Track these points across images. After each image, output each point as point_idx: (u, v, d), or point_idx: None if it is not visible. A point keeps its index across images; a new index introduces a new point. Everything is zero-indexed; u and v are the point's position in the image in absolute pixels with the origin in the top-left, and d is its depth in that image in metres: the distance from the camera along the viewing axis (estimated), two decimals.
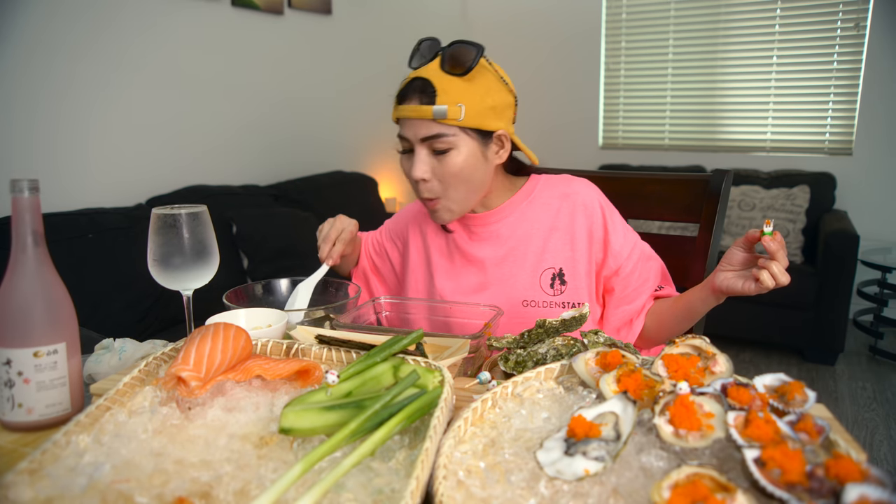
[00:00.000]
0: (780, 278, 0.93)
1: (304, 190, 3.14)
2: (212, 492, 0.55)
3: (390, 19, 3.99)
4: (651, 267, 1.20)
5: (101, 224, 2.22)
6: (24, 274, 0.71)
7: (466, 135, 1.07)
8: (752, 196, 3.60)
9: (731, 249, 1.01)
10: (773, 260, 0.94)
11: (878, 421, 2.66)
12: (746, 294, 0.99)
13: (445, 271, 1.23)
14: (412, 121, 1.07)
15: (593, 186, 1.21)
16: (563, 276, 1.16)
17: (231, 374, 0.72)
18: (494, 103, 1.09)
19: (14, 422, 0.72)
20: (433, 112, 1.04)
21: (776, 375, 0.67)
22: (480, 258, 1.20)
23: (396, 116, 1.11)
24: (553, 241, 1.17)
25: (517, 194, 1.21)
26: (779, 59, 3.85)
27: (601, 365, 0.73)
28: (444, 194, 1.11)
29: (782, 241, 0.95)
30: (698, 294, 1.09)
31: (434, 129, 1.06)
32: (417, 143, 1.08)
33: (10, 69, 2.16)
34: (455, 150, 1.07)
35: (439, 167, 1.08)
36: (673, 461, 0.57)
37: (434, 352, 0.88)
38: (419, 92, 1.06)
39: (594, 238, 1.16)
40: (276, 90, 3.25)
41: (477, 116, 1.07)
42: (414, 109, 1.06)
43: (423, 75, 1.08)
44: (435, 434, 0.57)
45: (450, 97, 1.05)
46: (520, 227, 1.18)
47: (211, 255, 0.95)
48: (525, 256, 1.17)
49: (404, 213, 1.35)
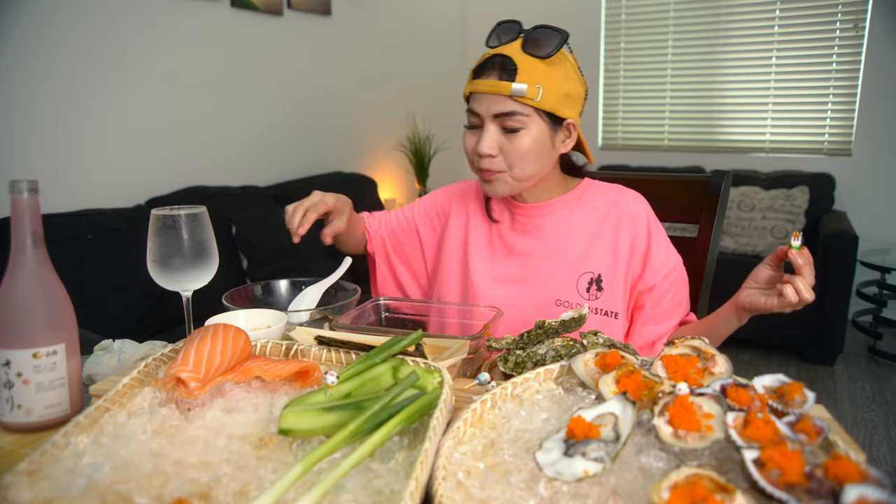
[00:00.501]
0: (804, 294, 0.90)
1: (304, 191, 3.09)
2: (211, 493, 0.55)
3: (389, 20, 3.99)
4: (686, 293, 1.18)
5: (100, 225, 2.22)
6: (23, 275, 0.71)
7: (539, 117, 1.06)
8: (752, 197, 3.60)
9: (758, 267, 1.00)
10: (798, 275, 0.91)
11: (877, 422, 2.66)
12: (769, 310, 0.97)
13: (483, 256, 1.21)
14: (487, 96, 1.06)
15: (644, 200, 1.20)
16: (600, 282, 1.14)
17: (230, 375, 0.72)
18: (569, 91, 1.08)
19: (13, 423, 0.72)
20: (511, 89, 1.03)
21: (775, 376, 0.67)
22: (521, 250, 1.18)
23: (471, 90, 1.10)
24: (596, 246, 1.15)
25: (569, 193, 1.19)
26: (778, 61, 3.86)
27: (600, 366, 0.73)
28: (507, 171, 1.09)
29: (810, 258, 0.92)
30: (721, 314, 1.07)
31: (509, 105, 1.05)
32: (489, 119, 1.07)
33: (10, 69, 2.16)
34: (526, 130, 1.06)
35: (508, 145, 1.07)
36: (672, 462, 0.57)
37: (433, 353, 0.88)
38: (499, 68, 1.06)
39: (636, 250, 1.15)
40: (275, 91, 3.25)
41: (553, 100, 1.05)
42: (492, 85, 1.05)
43: (506, 52, 1.07)
44: (434, 435, 0.57)
45: (530, 76, 1.04)
46: (564, 226, 1.17)
47: (210, 256, 0.95)
48: (566, 256, 1.16)
49: (448, 192, 1.33)
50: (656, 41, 4.21)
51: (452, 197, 1.30)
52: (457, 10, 4.66)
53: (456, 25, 4.67)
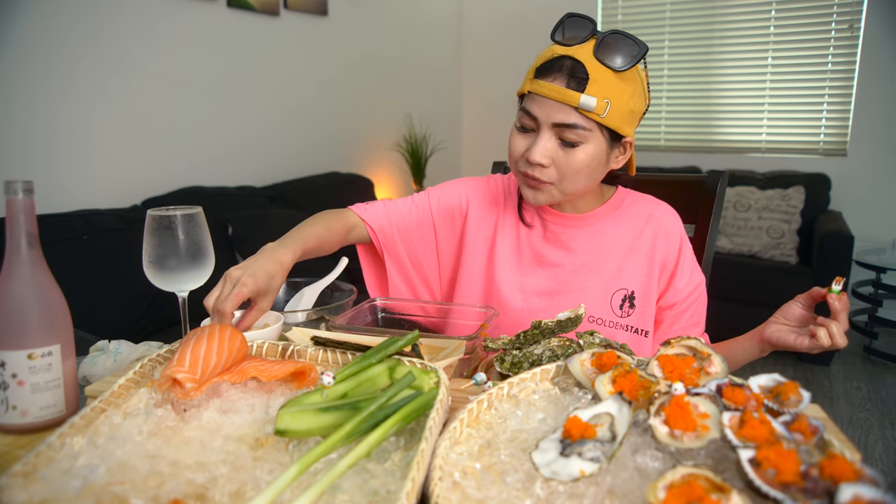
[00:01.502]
0: (837, 339, 0.89)
1: (301, 191, 3.14)
2: (207, 493, 0.54)
3: (386, 20, 3.99)
4: (703, 313, 1.16)
5: (96, 225, 2.21)
6: (18, 276, 0.71)
7: (601, 132, 0.99)
8: (748, 197, 3.61)
9: (789, 303, 0.99)
10: (834, 320, 0.90)
11: (872, 421, 2.67)
12: (797, 349, 0.95)
13: (510, 264, 1.15)
14: (549, 101, 0.97)
15: (676, 215, 1.16)
16: (633, 299, 1.11)
17: (226, 376, 0.72)
18: (635, 108, 1.00)
19: (8, 424, 0.72)
20: (580, 101, 0.94)
21: (771, 376, 0.67)
22: (552, 261, 1.13)
23: (532, 90, 0.99)
24: (631, 261, 1.12)
25: (605, 205, 1.14)
26: (774, 61, 3.87)
27: (597, 366, 0.73)
28: (556, 184, 1.02)
29: (847, 303, 0.91)
30: (742, 343, 1.04)
31: (573, 117, 0.96)
32: (546, 126, 0.98)
33: (9, 69, 2.16)
34: (585, 145, 0.98)
35: (563, 157, 0.99)
36: (668, 462, 0.57)
37: (430, 353, 0.88)
38: (567, 73, 0.96)
39: (666, 266, 1.12)
40: (271, 91, 3.25)
41: (618, 117, 0.98)
42: (558, 91, 0.95)
43: (577, 56, 0.96)
44: (431, 435, 0.57)
45: (601, 89, 0.95)
46: (599, 240, 1.12)
47: (206, 256, 0.95)
48: (600, 272, 1.11)
49: (467, 186, 1.21)
50: (652, 41, 4.21)
51: (474, 193, 1.20)
52: (453, 10, 4.66)
53: (453, 25, 4.67)
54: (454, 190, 1.21)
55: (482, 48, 4.67)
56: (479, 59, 4.70)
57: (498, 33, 4.56)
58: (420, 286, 1.24)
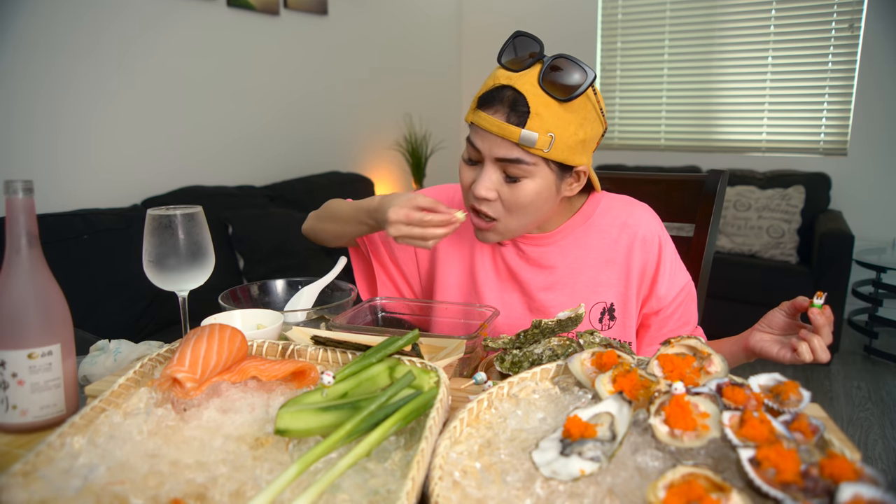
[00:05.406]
0: (819, 354, 0.88)
1: (300, 190, 3.14)
2: (207, 493, 0.54)
3: (386, 19, 3.99)
4: (693, 310, 1.13)
5: (96, 225, 2.21)
6: (18, 275, 0.71)
7: (547, 166, 0.96)
8: (748, 196, 3.61)
9: (772, 312, 0.97)
10: (816, 334, 0.89)
11: (872, 420, 2.67)
12: (779, 361, 0.94)
13: (490, 280, 1.14)
14: (491, 135, 0.94)
15: (654, 216, 1.12)
16: (613, 311, 1.09)
17: (226, 376, 0.72)
18: (586, 136, 0.96)
19: (8, 423, 0.72)
20: (520, 136, 0.91)
21: (771, 375, 0.67)
22: (526, 280, 1.11)
23: (474, 122, 0.97)
24: (607, 273, 1.09)
25: (575, 216, 1.11)
26: (774, 60, 3.87)
27: (597, 365, 0.73)
28: (502, 219, 1.00)
29: (831, 317, 0.89)
30: (728, 348, 1.03)
31: (514, 153, 0.93)
32: (490, 160, 0.96)
33: (9, 69, 2.16)
34: (529, 180, 0.95)
35: (508, 192, 0.97)
36: (668, 461, 0.57)
37: (430, 352, 0.88)
38: (509, 107, 0.92)
39: (646, 274, 1.09)
40: (271, 90, 3.25)
41: (565, 150, 0.94)
42: (498, 126, 0.92)
43: (518, 86, 0.92)
44: (431, 435, 0.57)
45: (542, 123, 0.91)
46: (571, 254, 1.10)
47: (206, 255, 0.95)
48: (574, 287, 1.09)
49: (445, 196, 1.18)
50: (653, 41, 4.22)
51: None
52: (453, 9, 4.66)
53: (453, 24, 4.67)
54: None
55: (482, 48, 4.67)
56: (479, 59, 4.70)
57: (497, 34, 4.54)
58: (405, 290, 1.24)
